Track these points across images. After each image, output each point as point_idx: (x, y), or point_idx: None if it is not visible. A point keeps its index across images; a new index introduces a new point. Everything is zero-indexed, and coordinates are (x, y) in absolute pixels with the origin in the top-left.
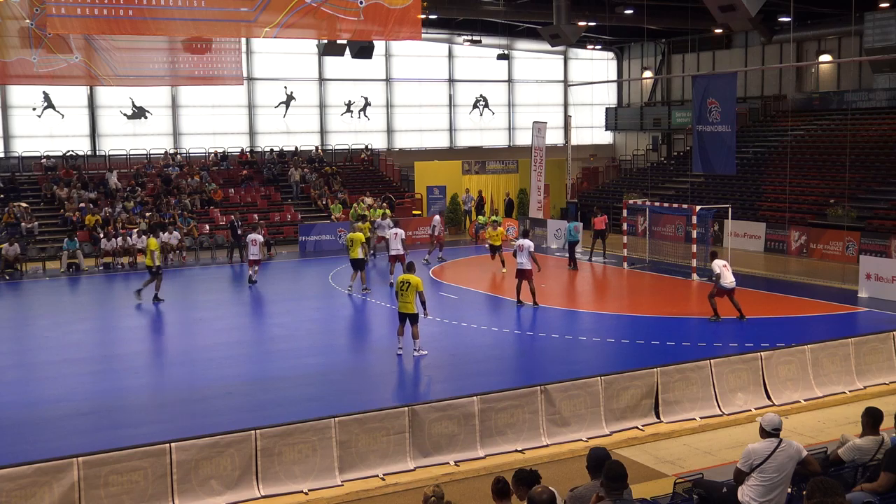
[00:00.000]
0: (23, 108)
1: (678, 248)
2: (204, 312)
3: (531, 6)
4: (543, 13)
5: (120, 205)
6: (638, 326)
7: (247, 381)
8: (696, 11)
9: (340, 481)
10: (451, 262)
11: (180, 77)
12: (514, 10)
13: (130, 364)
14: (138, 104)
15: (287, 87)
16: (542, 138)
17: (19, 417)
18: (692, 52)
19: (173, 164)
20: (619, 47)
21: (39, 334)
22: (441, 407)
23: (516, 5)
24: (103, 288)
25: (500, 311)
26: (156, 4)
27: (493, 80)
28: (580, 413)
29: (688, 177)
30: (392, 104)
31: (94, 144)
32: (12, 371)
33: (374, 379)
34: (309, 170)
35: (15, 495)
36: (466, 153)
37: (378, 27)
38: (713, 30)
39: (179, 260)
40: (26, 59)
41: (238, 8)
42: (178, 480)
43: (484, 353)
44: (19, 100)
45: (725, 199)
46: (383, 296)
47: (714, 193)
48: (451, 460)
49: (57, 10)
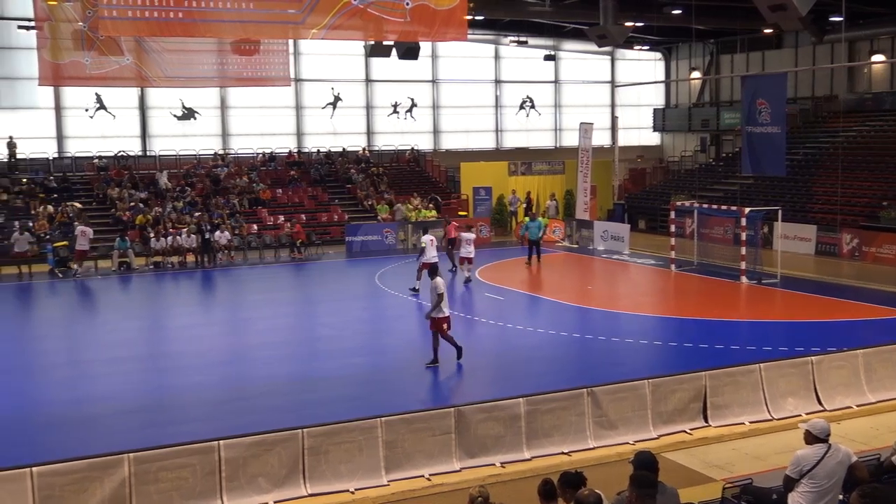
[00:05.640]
0: (76, 110)
1: (727, 251)
2: (251, 312)
3: (578, 7)
4: (590, 14)
5: (170, 205)
6: (685, 329)
7: (293, 381)
8: (745, 11)
9: (386, 481)
10: (496, 264)
11: (229, 78)
12: (560, 11)
13: (179, 362)
14: (188, 105)
15: (334, 88)
16: (588, 139)
17: (71, 414)
18: (741, 52)
19: (222, 164)
20: (666, 48)
21: (91, 332)
22: (487, 408)
23: (563, 6)
24: (153, 287)
25: (546, 312)
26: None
27: (539, 81)
28: (627, 416)
29: (737, 178)
30: (438, 105)
31: (144, 145)
32: (65, 369)
33: (420, 379)
34: (356, 170)
35: (67, 490)
36: (512, 154)
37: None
38: (763, 30)
39: (228, 259)
40: (79, 61)
41: (286, 10)
42: (226, 478)
43: (529, 354)
44: (72, 101)
45: (775, 201)
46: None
47: (763, 195)
48: (496, 461)
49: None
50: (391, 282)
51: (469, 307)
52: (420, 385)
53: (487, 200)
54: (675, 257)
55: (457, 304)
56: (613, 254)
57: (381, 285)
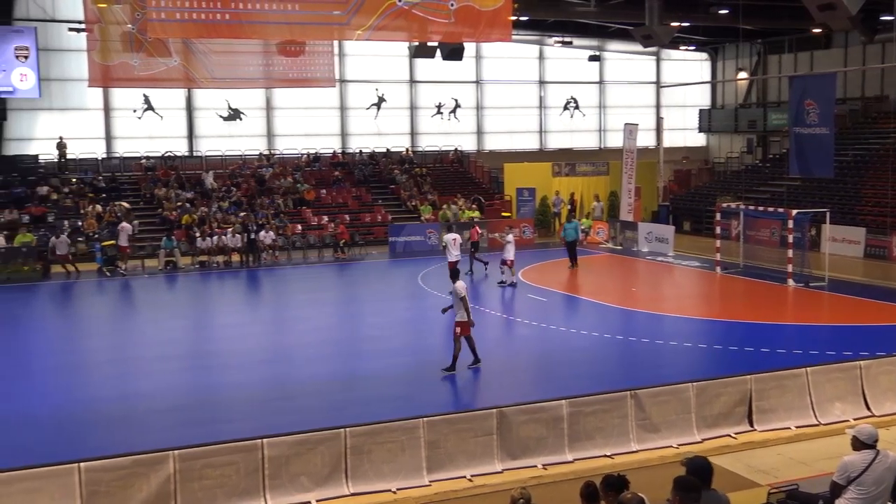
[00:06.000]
0: (124, 111)
1: (773, 253)
2: (295, 311)
3: (623, 7)
4: (636, 14)
5: (215, 204)
6: (730, 332)
7: (336, 380)
8: (793, 11)
9: (428, 481)
10: (539, 265)
11: (274, 79)
12: (605, 12)
13: (223, 361)
14: (234, 106)
15: (378, 88)
16: (633, 140)
17: (117, 411)
18: (789, 52)
19: (267, 164)
20: (713, 48)
21: (137, 330)
22: (530, 409)
23: (608, 6)
24: (199, 286)
25: (589, 314)
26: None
27: (583, 82)
28: (671, 419)
29: (784, 180)
30: (482, 106)
31: (191, 145)
32: (111, 366)
33: (462, 380)
34: (399, 171)
35: (114, 486)
36: (556, 155)
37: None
38: (811, 30)
39: (272, 259)
40: (128, 63)
41: (331, 11)
42: (269, 476)
43: (572, 356)
44: (121, 102)
45: (823, 203)
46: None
47: (811, 197)
48: (538, 463)
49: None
50: (434, 282)
51: (512, 308)
52: (462, 386)
53: (531, 201)
54: (721, 259)
55: (500, 306)
56: (658, 255)
57: (424, 286)
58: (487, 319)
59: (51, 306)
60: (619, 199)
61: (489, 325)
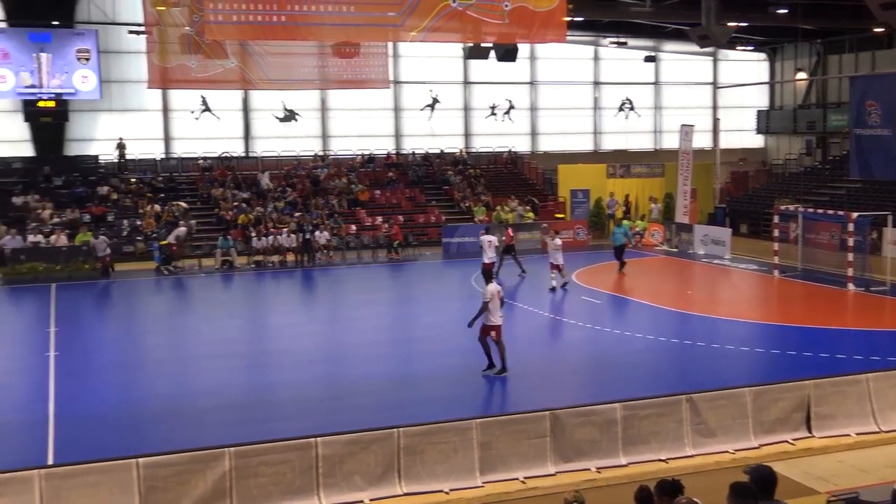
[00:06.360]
0: (182, 112)
1: (832, 257)
2: (349, 311)
3: (679, 7)
4: (692, 14)
5: (271, 205)
6: (788, 337)
7: (390, 380)
8: (854, 10)
9: (481, 482)
10: (593, 267)
11: (329, 81)
12: (661, 12)
13: (278, 360)
14: (289, 107)
15: (432, 90)
16: (689, 141)
17: (174, 407)
18: (850, 52)
19: (322, 165)
20: (771, 48)
21: (193, 329)
22: (584, 412)
23: (664, 6)
24: (254, 285)
25: (644, 316)
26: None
27: (639, 83)
28: (727, 424)
29: (844, 182)
30: (536, 107)
31: (247, 146)
32: (169, 364)
33: (515, 382)
34: (453, 172)
35: (171, 481)
36: (611, 156)
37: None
38: (872, 29)
39: (326, 259)
40: (185, 65)
41: (385, 12)
42: (323, 474)
43: (626, 359)
44: (179, 103)
45: (885, 206)
46: (528, 300)
47: (872, 200)
48: (592, 467)
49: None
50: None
51: (565, 310)
52: (515, 387)
53: (585, 203)
54: (779, 263)
55: (553, 308)
56: (714, 258)
57: (478, 287)
58: (540, 321)
59: (110, 304)
60: (675, 201)
61: (542, 328)
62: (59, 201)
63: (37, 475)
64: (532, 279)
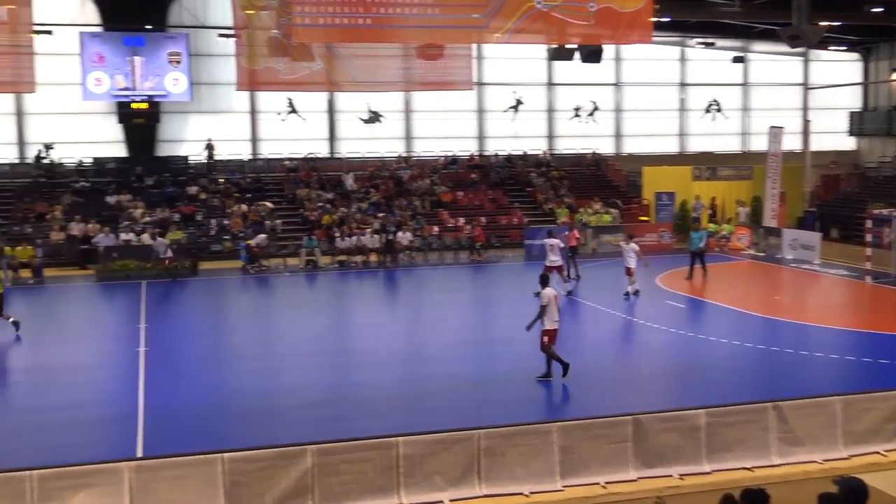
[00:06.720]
0: (268, 114)
1: None
2: (431, 312)
3: (769, 6)
4: (782, 13)
5: (355, 205)
6: (881, 345)
7: (470, 380)
8: None
9: (561, 486)
10: (678, 271)
11: (413, 82)
12: (750, 12)
13: (360, 359)
14: (374, 109)
15: (516, 91)
16: (778, 144)
17: (258, 404)
18: None
19: (405, 166)
20: (865, 48)
21: (279, 327)
22: (666, 418)
23: (753, 6)
24: (338, 285)
25: (729, 321)
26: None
27: (726, 84)
28: (815, 433)
29: None
30: (621, 108)
31: (332, 147)
32: (254, 361)
33: (595, 384)
34: (536, 174)
35: (255, 476)
36: (697, 158)
37: (608, 31)
38: None
39: (409, 260)
40: (273, 67)
41: (469, 14)
42: (404, 474)
43: (710, 364)
44: (266, 105)
45: None
46: (608, 302)
47: None
48: (674, 473)
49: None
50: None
51: (649, 314)
52: (595, 390)
53: (670, 206)
54: (871, 268)
55: (636, 311)
56: (803, 263)
57: (560, 290)
58: (622, 325)
59: (198, 302)
60: (763, 205)
61: (624, 331)
62: (150, 200)
63: (126, 467)
64: (615, 283)
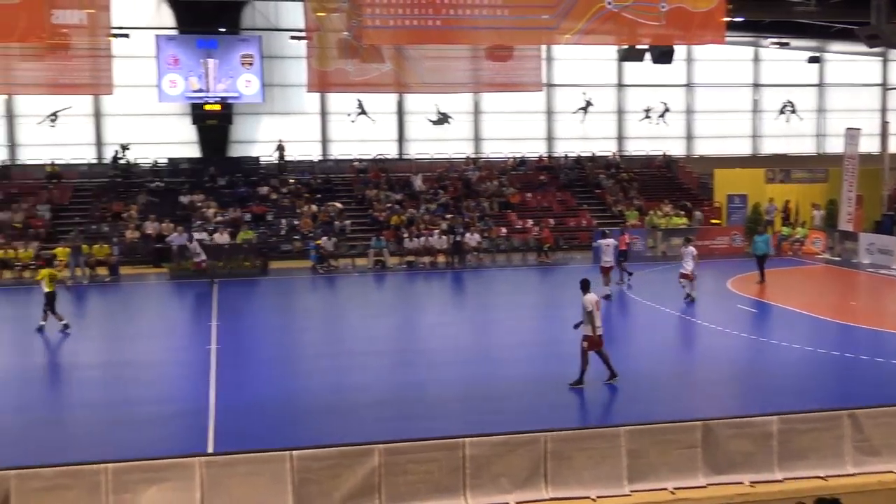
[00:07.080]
0: (338, 115)
1: None
2: (499, 313)
3: (846, 6)
4: (860, 13)
5: (423, 206)
6: None
7: (536, 382)
8: None
9: (629, 491)
10: (750, 275)
11: (482, 84)
12: (826, 11)
13: (427, 359)
14: (442, 110)
15: (585, 92)
16: (854, 146)
17: (327, 403)
18: None
19: (474, 167)
20: None
21: (348, 326)
22: (737, 424)
23: (829, 5)
24: (406, 285)
25: (803, 327)
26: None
27: (801, 85)
28: (893, 443)
29: None
30: (692, 109)
31: (401, 148)
32: (324, 360)
33: (663, 388)
34: (605, 175)
35: (322, 474)
36: (770, 160)
37: (680, 32)
38: None
39: (477, 261)
40: (343, 69)
41: (539, 15)
42: (470, 475)
43: (782, 370)
44: (336, 106)
45: None
46: (677, 305)
47: None
48: (745, 480)
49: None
50: (638, 289)
51: (719, 319)
52: (663, 394)
53: (742, 209)
54: None
55: (707, 316)
56: (880, 268)
57: (630, 293)
58: (693, 329)
59: (268, 301)
60: (839, 208)
61: (695, 335)
62: (223, 200)
63: (198, 462)
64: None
